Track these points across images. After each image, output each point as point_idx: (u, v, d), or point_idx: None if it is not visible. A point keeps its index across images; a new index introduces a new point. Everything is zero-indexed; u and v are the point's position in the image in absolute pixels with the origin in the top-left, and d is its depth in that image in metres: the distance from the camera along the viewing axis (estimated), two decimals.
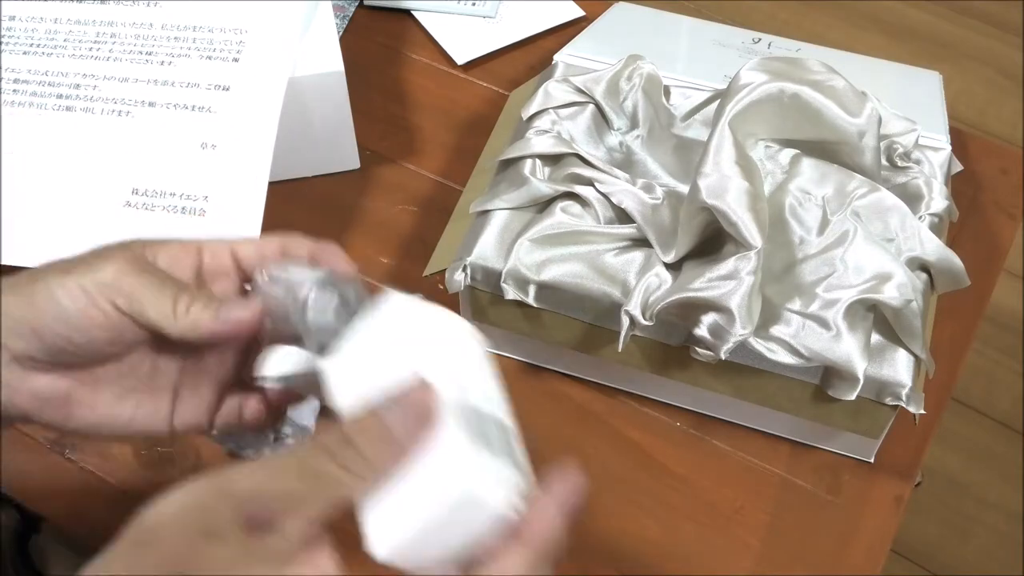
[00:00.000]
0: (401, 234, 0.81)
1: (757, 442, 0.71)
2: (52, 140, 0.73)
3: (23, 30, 0.78)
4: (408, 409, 0.38)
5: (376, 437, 0.37)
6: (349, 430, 0.38)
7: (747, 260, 0.63)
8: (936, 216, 0.70)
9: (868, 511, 0.68)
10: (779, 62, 0.70)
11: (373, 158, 0.85)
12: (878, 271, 0.65)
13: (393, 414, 0.38)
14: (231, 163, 0.73)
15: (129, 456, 0.70)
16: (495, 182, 0.73)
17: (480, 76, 0.91)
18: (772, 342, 0.63)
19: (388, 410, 0.38)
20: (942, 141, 0.75)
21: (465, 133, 0.87)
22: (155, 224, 0.70)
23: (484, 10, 0.94)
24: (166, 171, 0.72)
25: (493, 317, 0.71)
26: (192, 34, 0.78)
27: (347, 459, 0.37)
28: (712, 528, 0.67)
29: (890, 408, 0.64)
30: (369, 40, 0.93)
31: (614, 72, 0.76)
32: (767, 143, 0.71)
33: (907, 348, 0.64)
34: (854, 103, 0.69)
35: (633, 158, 0.75)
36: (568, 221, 0.68)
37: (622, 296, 0.66)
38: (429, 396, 0.38)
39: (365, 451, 0.37)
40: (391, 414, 0.38)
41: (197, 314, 0.46)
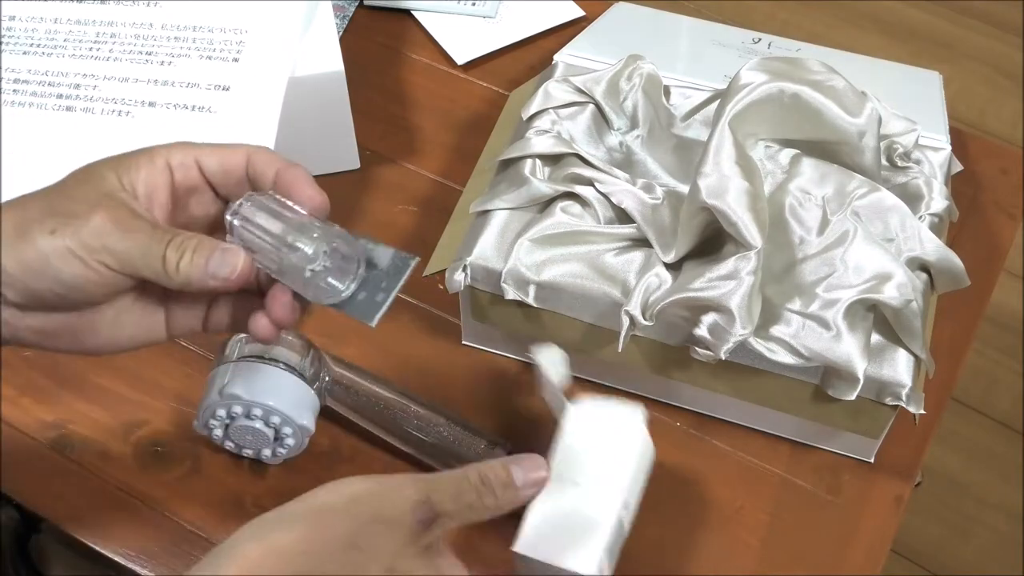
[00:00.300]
0: (401, 234, 0.81)
1: (757, 442, 0.71)
2: (52, 140, 0.73)
3: (23, 30, 0.78)
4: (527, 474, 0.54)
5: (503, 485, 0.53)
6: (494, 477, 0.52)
7: (747, 260, 0.63)
8: (936, 216, 0.70)
9: (868, 511, 0.68)
10: (779, 62, 0.70)
11: (373, 158, 0.85)
12: (878, 271, 0.65)
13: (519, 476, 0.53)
14: None
15: (129, 456, 0.70)
16: (495, 182, 0.73)
17: (480, 76, 0.91)
18: (772, 342, 0.63)
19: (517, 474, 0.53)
20: (942, 141, 0.75)
21: (465, 133, 0.87)
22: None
23: (484, 10, 0.94)
24: None
25: (493, 317, 0.71)
26: (192, 34, 0.78)
27: (503, 499, 0.52)
28: (712, 528, 0.67)
29: (890, 408, 0.64)
30: (369, 40, 0.93)
31: (614, 72, 0.76)
32: (767, 143, 0.71)
33: (907, 348, 0.64)
34: (854, 103, 0.69)
35: (633, 158, 0.75)
36: (568, 221, 0.68)
37: (622, 296, 0.66)
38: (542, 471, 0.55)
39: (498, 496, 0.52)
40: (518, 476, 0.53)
41: (187, 270, 0.49)
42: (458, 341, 0.75)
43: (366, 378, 0.68)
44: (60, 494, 0.68)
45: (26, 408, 0.72)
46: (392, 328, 0.76)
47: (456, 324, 0.75)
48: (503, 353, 0.74)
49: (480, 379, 0.74)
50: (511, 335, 0.72)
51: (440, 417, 0.68)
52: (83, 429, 0.71)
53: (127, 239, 0.48)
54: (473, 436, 0.67)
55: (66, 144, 0.73)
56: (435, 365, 0.74)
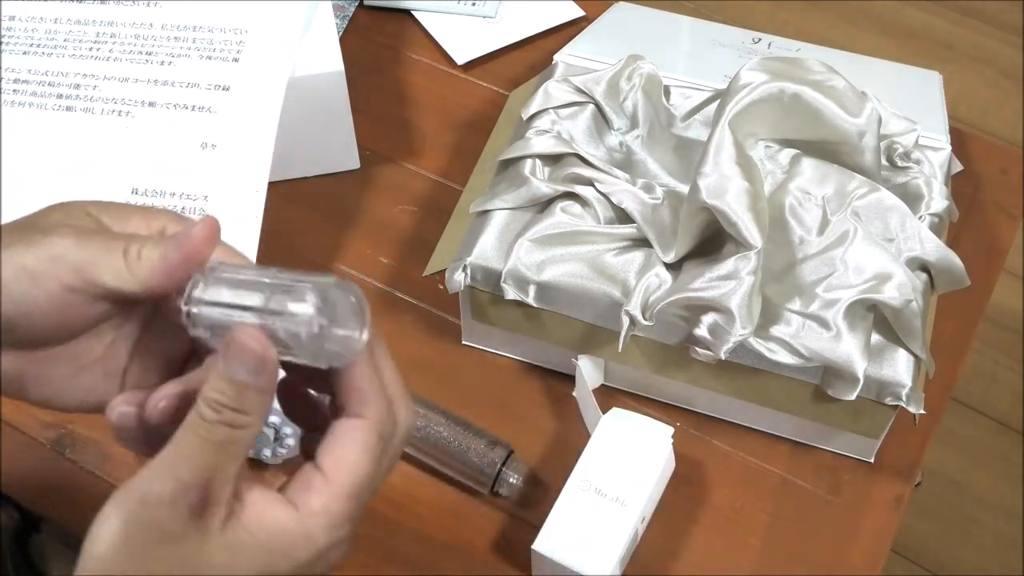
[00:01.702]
0: (401, 234, 0.81)
1: (757, 442, 0.71)
2: (52, 140, 0.73)
3: (23, 30, 0.78)
4: (242, 359, 0.40)
5: (236, 391, 0.40)
6: (214, 396, 0.40)
7: (747, 260, 0.63)
8: (936, 216, 0.70)
9: (868, 511, 0.68)
10: (779, 62, 0.70)
11: (373, 158, 0.85)
12: (878, 271, 0.65)
13: (237, 369, 0.40)
14: (231, 163, 0.73)
15: (129, 456, 0.70)
16: (495, 182, 0.73)
17: (480, 76, 0.91)
18: (772, 342, 0.63)
19: (230, 366, 0.40)
20: (942, 141, 0.75)
21: (465, 133, 0.87)
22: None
23: (484, 10, 0.94)
24: (166, 171, 0.72)
25: (493, 317, 0.71)
26: (192, 34, 0.78)
27: (231, 418, 0.40)
28: (712, 528, 0.67)
29: (890, 408, 0.64)
30: (369, 40, 0.93)
31: (614, 72, 0.76)
32: (767, 143, 0.71)
33: (907, 348, 0.64)
34: (854, 103, 0.69)
35: (633, 158, 0.75)
36: (568, 221, 0.68)
37: (622, 296, 0.66)
38: (258, 342, 0.40)
39: (236, 404, 0.40)
40: (235, 369, 0.40)
41: (149, 254, 0.43)
42: (458, 341, 0.75)
43: None
44: (60, 494, 0.68)
45: (26, 408, 0.71)
46: (392, 328, 0.76)
47: (456, 324, 0.75)
48: (503, 353, 0.74)
49: (480, 379, 0.74)
50: (511, 335, 0.72)
51: (440, 417, 0.68)
52: (83, 429, 0.71)
53: (85, 247, 0.43)
54: (473, 436, 0.67)
55: (66, 144, 0.73)
56: (435, 365, 0.74)
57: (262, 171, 0.72)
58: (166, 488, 0.39)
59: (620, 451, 0.64)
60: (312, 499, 0.41)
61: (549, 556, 0.61)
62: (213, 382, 0.40)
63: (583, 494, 0.63)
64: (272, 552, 0.41)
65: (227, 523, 0.40)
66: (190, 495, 0.39)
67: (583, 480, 0.63)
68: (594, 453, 0.64)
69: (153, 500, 0.39)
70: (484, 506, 0.68)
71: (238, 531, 0.41)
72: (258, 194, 0.72)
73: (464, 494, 0.69)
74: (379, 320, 0.81)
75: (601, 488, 0.63)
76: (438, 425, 0.67)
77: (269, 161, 0.73)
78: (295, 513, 0.41)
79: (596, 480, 0.63)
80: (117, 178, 0.72)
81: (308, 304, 0.40)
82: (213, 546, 0.40)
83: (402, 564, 0.67)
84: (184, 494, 0.39)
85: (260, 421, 0.41)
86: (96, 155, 0.73)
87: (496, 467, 0.66)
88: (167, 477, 0.40)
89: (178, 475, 0.39)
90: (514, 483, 0.66)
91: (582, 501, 0.63)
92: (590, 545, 0.61)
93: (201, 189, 0.72)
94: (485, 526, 0.68)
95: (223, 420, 0.40)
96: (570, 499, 0.63)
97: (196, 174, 0.72)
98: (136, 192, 0.71)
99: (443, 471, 0.68)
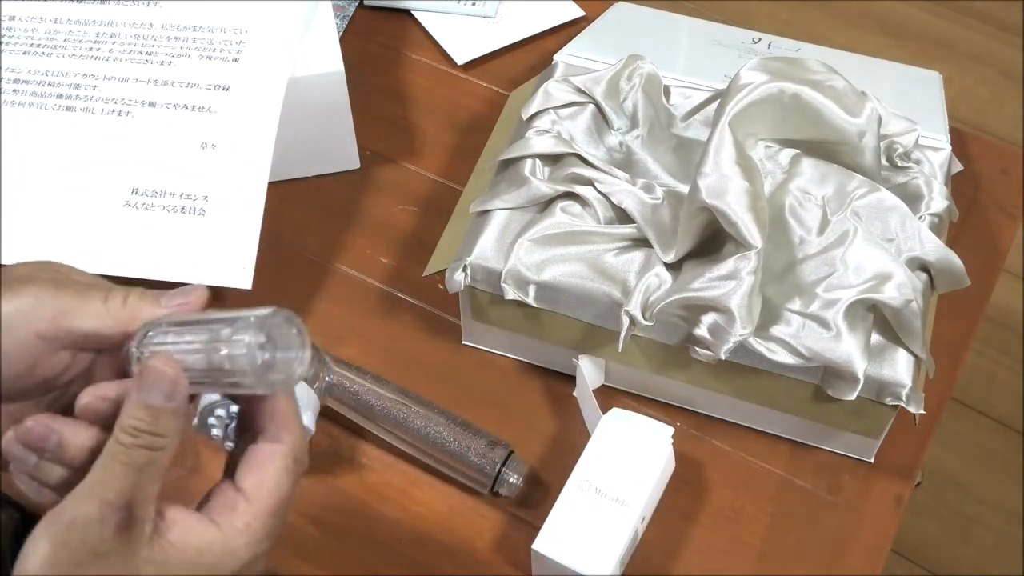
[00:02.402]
0: (401, 234, 0.81)
1: (757, 442, 0.71)
2: (52, 140, 0.73)
3: (23, 30, 0.78)
4: (155, 384, 0.43)
5: (151, 416, 0.43)
6: (131, 423, 0.43)
7: (747, 260, 0.63)
8: (936, 216, 0.70)
9: (868, 511, 0.68)
10: (779, 62, 0.70)
11: (373, 158, 0.85)
12: (878, 271, 0.65)
13: (151, 395, 0.43)
14: (231, 163, 0.73)
15: None
16: (495, 182, 0.73)
17: (480, 76, 0.91)
18: (772, 342, 0.63)
19: (145, 393, 0.43)
20: (942, 141, 0.75)
21: (465, 133, 0.87)
22: (155, 224, 0.70)
23: (484, 10, 0.94)
24: (166, 171, 0.72)
25: (493, 317, 0.71)
26: (192, 34, 0.78)
27: (148, 441, 0.43)
28: (712, 528, 0.67)
29: (890, 408, 0.64)
30: (369, 40, 0.93)
31: (614, 72, 0.76)
32: (767, 143, 0.71)
33: (907, 348, 0.64)
34: (854, 103, 0.69)
35: (633, 158, 0.75)
36: (568, 221, 0.68)
37: (622, 296, 0.66)
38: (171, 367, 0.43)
39: (152, 428, 0.43)
40: (150, 395, 0.43)
41: (135, 303, 0.46)
42: (458, 341, 0.75)
43: (366, 378, 0.68)
44: None
45: None
46: (392, 328, 0.76)
47: (456, 324, 0.75)
48: (503, 353, 0.74)
49: (480, 379, 0.74)
50: (511, 335, 0.72)
51: (440, 417, 0.68)
52: None
53: (62, 294, 0.46)
54: (473, 436, 0.67)
55: (66, 144, 0.73)
56: (435, 365, 0.74)
57: (262, 171, 0.72)
58: (92, 510, 0.42)
59: (620, 451, 0.64)
60: (235, 518, 0.45)
61: (549, 556, 0.61)
62: (129, 410, 0.43)
63: (583, 494, 0.63)
64: (199, 566, 0.44)
65: (153, 540, 0.43)
66: (115, 515, 0.42)
67: (583, 480, 0.63)
68: (594, 453, 0.64)
69: (80, 522, 0.42)
70: (484, 506, 0.68)
71: (165, 548, 0.43)
72: (258, 194, 0.72)
73: (464, 494, 0.69)
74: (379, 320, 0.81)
75: (601, 488, 0.63)
76: (438, 425, 0.67)
77: (269, 161, 0.73)
78: (219, 531, 0.44)
79: (596, 480, 0.63)
80: (117, 178, 0.72)
81: (252, 334, 0.42)
82: (140, 561, 0.43)
83: (402, 564, 0.67)
84: (110, 514, 0.42)
85: (176, 441, 0.44)
86: (96, 155, 0.73)
87: (496, 467, 0.66)
88: (92, 500, 0.42)
89: (103, 497, 0.42)
90: (514, 483, 0.66)
91: (582, 501, 0.63)
92: (590, 545, 0.61)
93: (201, 189, 0.72)
94: (485, 526, 0.68)
95: (141, 444, 0.43)
96: (570, 499, 0.63)
97: (196, 174, 0.72)
98: (136, 192, 0.71)
99: (443, 471, 0.68)
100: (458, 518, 0.68)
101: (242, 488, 0.45)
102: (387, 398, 0.68)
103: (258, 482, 0.45)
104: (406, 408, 0.67)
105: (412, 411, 0.67)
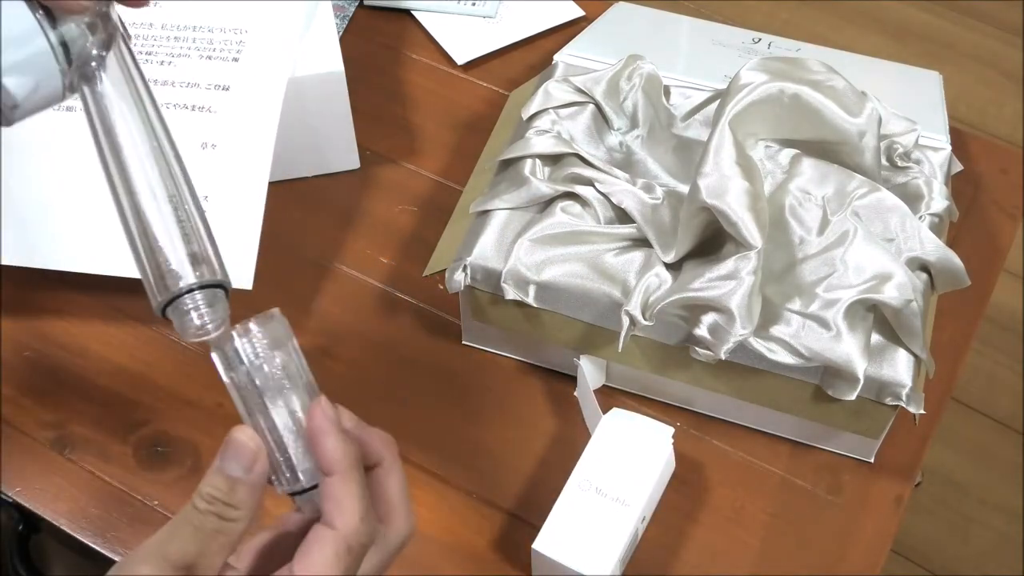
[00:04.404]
0: (401, 234, 0.81)
1: (757, 442, 0.71)
2: (52, 140, 0.73)
3: None
4: (235, 456, 0.44)
5: (228, 486, 0.44)
6: (208, 490, 0.44)
7: (747, 260, 0.63)
8: (936, 216, 0.70)
9: (868, 511, 0.68)
10: (779, 62, 0.70)
11: (373, 158, 0.85)
12: (878, 271, 0.65)
13: (230, 465, 0.44)
14: (231, 163, 0.73)
15: (129, 456, 0.70)
16: (495, 182, 0.73)
17: (480, 76, 0.91)
18: (772, 342, 0.63)
19: (225, 463, 0.44)
20: (942, 141, 0.75)
21: (465, 133, 0.87)
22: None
23: (484, 10, 0.94)
24: None
25: (493, 317, 0.71)
26: (192, 34, 0.78)
27: (221, 510, 0.44)
28: (712, 528, 0.67)
29: (890, 408, 0.64)
30: (369, 40, 0.93)
31: (614, 72, 0.76)
32: (767, 143, 0.71)
33: (907, 348, 0.64)
34: (854, 103, 0.69)
35: (633, 158, 0.75)
36: (568, 221, 0.68)
37: (622, 296, 0.66)
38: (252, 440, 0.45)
39: (227, 499, 0.44)
40: (229, 465, 0.44)
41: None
42: (458, 341, 0.75)
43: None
44: (60, 494, 0.68)
45: (26, 408, 0.72)
46: (392, 328, 0.76)
47: (456, 324, 0.75)
48: (503, 353, 0.74)
49: (480, 379, 0.74)
50: (511, 335, 0.72)
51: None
52: (83, 429, 0.71)
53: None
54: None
55: (66, 144, 0.73)
56: (435, 365, 0.74)
57: (262, 171, 0.72)
58: (151, 564, 0.43)
59: (620, 451, 0.64)
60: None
61: (549, 556, 0.61)
62: (209, 477, 0.44)
63: (583, 494, 0.63)
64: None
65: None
66: (174, 573, 0.43)
67: (583, 480, 0.63)
68: (594, 453, 0.64)
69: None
70: (484, 506, 0.68)
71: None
72: (258, 194, 0.72)
73: (464, 494, 0.69)
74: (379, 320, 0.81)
75: (601, 488, 0.63)
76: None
77: (269, 161, 0.73)
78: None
79: (596, 480, 0.63)
80: None
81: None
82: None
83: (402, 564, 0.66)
84: (170, 571, 0.43)
85: (249, 515, 0.45)
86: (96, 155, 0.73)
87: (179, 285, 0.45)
88: (155, 555, 0.43)
89: (164, 553, 0.43)
90: (197, 322, 0.45)
91: (582, 501, 0.63)
92: (590, 545, 0.61)
93: (201, 189, 0.71)
94: (485, 526, 0.68)
95: (213, 511, 0.44)
96: (570, 499, 0.63)
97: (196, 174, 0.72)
98: None
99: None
100: (458, 518, 0.68)
101: (293, 569, 0.44)
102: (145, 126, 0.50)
103: (305, 566, 0.44)
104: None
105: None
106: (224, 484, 0.44)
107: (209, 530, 0.44)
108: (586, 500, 0.63)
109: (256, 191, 0.72)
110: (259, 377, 0.44)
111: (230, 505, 0.44)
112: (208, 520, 0.44)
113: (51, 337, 0.75)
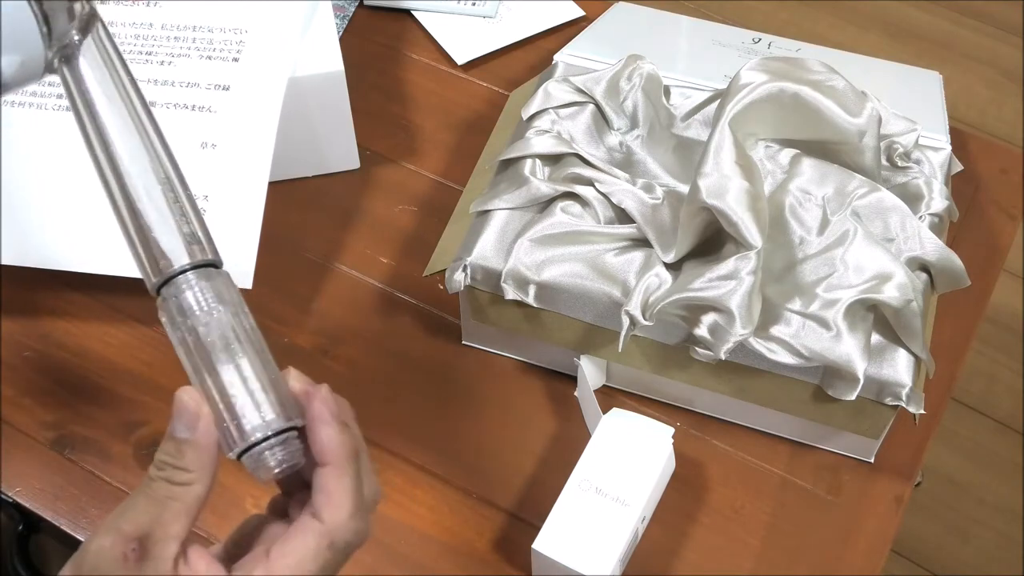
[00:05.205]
0: (401, 234, 0.81)
1: (757, 442, 0.71)
2: (52, 140, 0.73)
3: None
4: (182, 419, 0.43)
5: (176, 449, 0.43)
6: (159, 456, 0.44)
7: (747, 260, 0.63)
8: (936, 216, 0.70)
9: (868, 511, 0.68)
10: (779, 62, 0.70)
11: (373, 158, 0.85)
12: (878, 271, 0.65)
13: (177, 428, 0.43)
14: (231, 163, 0.73)
15: (129, 456, 0.70)
16: (495, 182, 0.73)
17: (480, 76, 0.91)
18: (772, 342, 0.63)
19: (174, 425, 0.43)
20: (942, 141, 0.75)
21: (465, 133, 0.87)
22: None
23: (484, 10, 0.94)
24: None
25: (493, 317, 0.71)
26: (192, 34, 0.78)
27: (170, 475, 0.43)
28: (712, 528, 0.67)
29: (890, 408, 0.64)
30: (369, 40, 0.93)
31: (614, 72, 0.76)
32: (767, 143, 0.71)
33: (907, 348, 0.64)
34: (854, 103, 0.69)
35: (633, 158, 0.75)
36: (568, 221, 0.68)
37: (622, 296, 0.66)
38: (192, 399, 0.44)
39: (175, 462, 0.43)
40: (174, 427, 0.43)
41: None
42: (458, 341, 0.75)
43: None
44: (60, 494, 0.68)
45: (26, 408, 0.72)
46: (392, 328, 0.76)
47: (456, 324, 0.75)
48: (503, 353, 0.74)
49: (480, 379, 0.74)
50: (511, 335, 0.72)
51: None
52: (83, 429, 0.71)
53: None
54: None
55: (66, 144, 0.73)
56: (435, 365, 0.74)
57: (262, 171, 0.72)
58: (106, 540, 0.42)
59: (620, 451, 0.64)
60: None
61: (549, 556, 0.61)
62: (162, 444, 0.44)
63: (583, 494, 0.63)
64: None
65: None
66: (127, 546, 0.42)
67: (583, 480, 0.63)
68: (594, 453, 0.64)
69: (93, 549, 0.43)
70: (484, 506, 0.68)
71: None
72: (258, 194, 0.72)
73: (464, 494, 0.69)
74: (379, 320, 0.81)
75: (601, 488, 0.63)
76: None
77: (269, 161, 0.73)
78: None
79: (596, 480, 0.63)
80: None
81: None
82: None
83: (402, 564, 0.67)
84: (121, 545, 0.42)
85: (202, 478, 0.43)
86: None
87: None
88: (111, 528, 0.43)
89: (119, 527, 0.43)
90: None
91: (582, 501, 0.63)
92: (590, 545, 0.61)
93: (201, 189, 0.72)
94: (485, 526, 0.68)
95: (164, 476, 0.43)
96: (570, 499, 0.63)
97: (196, 174, 0.72)
98: None
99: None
100: (458, 518, 0.68)
101: (269, 554, 0.43)
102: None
103: (282, 554, 0.43)
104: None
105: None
106: (172, 447, 0.43)
107: (161, 496, 0.43)
108: (586, 500, 0.63)
109: (256, 191, 0.72)
110: (203, 329, 0.44)
111: (179, 468, 0.43)
112: (160, 487, 0.43)
113: (51, 337, 0.75)
